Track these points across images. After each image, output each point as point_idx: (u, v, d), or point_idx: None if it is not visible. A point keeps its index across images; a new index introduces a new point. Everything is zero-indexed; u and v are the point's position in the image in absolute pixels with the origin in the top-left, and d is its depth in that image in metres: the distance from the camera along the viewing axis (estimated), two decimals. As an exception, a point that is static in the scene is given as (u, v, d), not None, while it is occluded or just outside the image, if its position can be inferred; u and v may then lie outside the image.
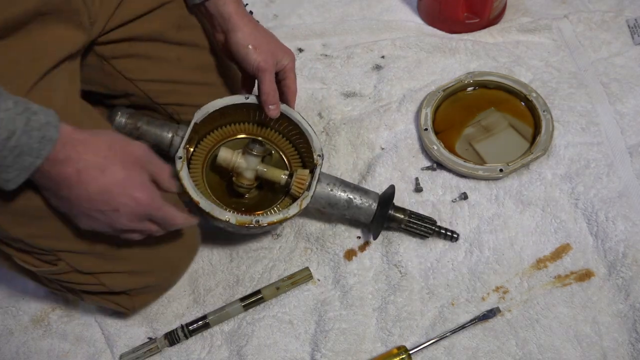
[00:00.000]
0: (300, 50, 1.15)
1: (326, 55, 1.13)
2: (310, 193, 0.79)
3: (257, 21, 0.82)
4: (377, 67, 1.10)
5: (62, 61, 0.64)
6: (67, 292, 0.76)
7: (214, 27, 0.80)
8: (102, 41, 0.75)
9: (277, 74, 0.81)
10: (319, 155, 0.82)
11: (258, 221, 0.74)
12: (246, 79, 0.85)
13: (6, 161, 0.48)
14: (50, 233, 0.65)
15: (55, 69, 0.63)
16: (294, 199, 0.80)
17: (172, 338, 0.81)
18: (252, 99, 0.82)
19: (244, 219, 0.74)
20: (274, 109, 0.80)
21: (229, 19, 0.77)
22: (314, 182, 0.79)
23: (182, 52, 0.82)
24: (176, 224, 0.64)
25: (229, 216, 0.73)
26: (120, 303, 0.78)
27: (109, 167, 0.55)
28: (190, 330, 0.81)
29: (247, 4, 1.26)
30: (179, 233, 0.76)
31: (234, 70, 0.88)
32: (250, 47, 0.77)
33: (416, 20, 1.19)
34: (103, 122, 0.74)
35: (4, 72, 0.58)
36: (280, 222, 0.76)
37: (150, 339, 0.83)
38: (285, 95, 0.84)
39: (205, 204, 0.74)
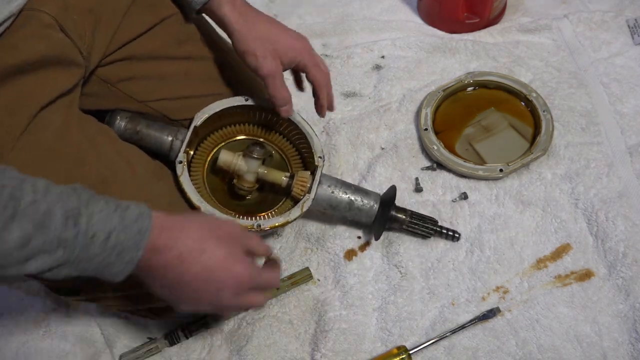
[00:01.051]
0: (300, 50, 1.15)
1: (326, 55, 1.13)
2: (312, 196, 0.79)
3: (260, 15, 0.76)
4: (377, 67, 1.10)
5: (56, 98, 0.64)
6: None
7: (223, 31, 0.78)
8: (103, 63, 0.74)
9: (294, 69, 0.77)
10: (320, 157, 0.82)
11: (260, 225, 0.75)
12: None
13: (109, 259, 0.50)
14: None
15: (49, 105, 0.63)
16: (295, 200, 0.80)
17: (172, 338, 0.81)
18: (252, 101, 0.82)
19: (246, 223, 0.74)
20: (285, 110, 0.77)
21: (224, 21, 0.74)
22: (315, 185, 0.79)
23: (189, 66, 0.80)
24: (276, 284, 0.66)
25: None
26: (164, 317, 0.81)
27: (207, 247, 0.56)
28: (190, 330, 0.81)
29: (247, 4, 1.27)
30: None
31: (248, 73, 0.87)
32: (245, 53, 0.73)
33: (416, 20, 1.19)
34: (109, 136, 0.73)
35: None
36: (282, 225, 0.76)
37: (150, 339, 0.83)
38: (314, 92, 0.80)
39: (207, 209, 0.74)
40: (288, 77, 0.79)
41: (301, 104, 1.05)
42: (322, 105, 0.80)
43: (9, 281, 0.86)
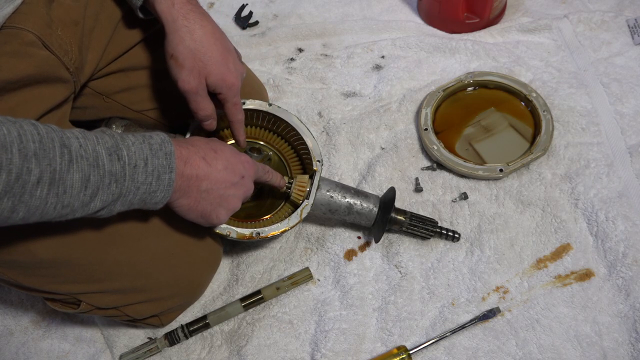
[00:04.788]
0: (300, 50, 1.15)
1: (326, 55, 1.13)
2: (310, 202, 0.78)
3: (205, 21, 0.68)
4: (377, 67, 1.10)
5: (45, 114, 0.64)
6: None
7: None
8: (97, 76, 0.73)
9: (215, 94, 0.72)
10: (319, 161, 0.81)
11: (259, 233, 0.75)
12: None
13: (152, 187, 0.56)
14: (62, 279, 0.68)
15: (38, 121, 0.63)
16: (294, 204, 0.80)
17: (172, 338, 0.81)
18: (247, 104, 0.82)
19: (245, 232, 0.74)
20: (208, 124, 0.73)
21: (161, 20, 0.67)
22: (314, 190, 0.79)
23: None
24: (277, 181, 0.75)
25: (229, 230, 0.74)
26: (149, 323, 0.80)
27: (216, 148, 0.64)
28: (190, 330, 0.81)
29: (247, 4, 1.27)
30: (202, 255, 0.79)
31: (249, 79, 0.86)
32: (172, 58, 0.67)
33: (416, 20, 1.19)
34: None
35: None
36: (281, 233, 0.76)
37: (150, 339, 0.83)
38: (230, 126, 0.76)
39: None
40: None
41: (301, 104, 1.05)
42: (240, 139, 0.78)
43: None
